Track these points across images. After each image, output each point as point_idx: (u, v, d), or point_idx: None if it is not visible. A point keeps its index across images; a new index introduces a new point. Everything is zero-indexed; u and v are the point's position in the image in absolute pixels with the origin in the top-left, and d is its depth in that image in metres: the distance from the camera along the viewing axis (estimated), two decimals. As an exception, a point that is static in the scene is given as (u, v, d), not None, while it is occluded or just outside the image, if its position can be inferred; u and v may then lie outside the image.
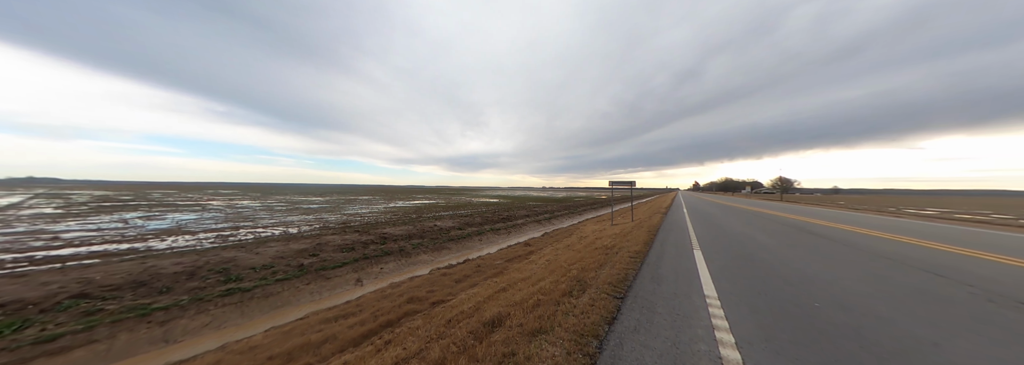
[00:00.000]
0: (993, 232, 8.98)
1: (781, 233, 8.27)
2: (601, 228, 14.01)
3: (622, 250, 6.54)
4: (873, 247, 6.09)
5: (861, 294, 3.49)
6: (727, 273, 4.53)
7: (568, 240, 11.60)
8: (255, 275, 6.68)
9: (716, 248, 6.30)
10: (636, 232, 9.19)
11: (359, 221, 16.15)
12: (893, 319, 2.87)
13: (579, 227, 16.74)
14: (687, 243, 7.01)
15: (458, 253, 11.09)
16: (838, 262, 4.91)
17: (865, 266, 4.63)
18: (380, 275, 8.23)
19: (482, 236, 14.10)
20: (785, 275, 4.35)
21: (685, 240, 7.40)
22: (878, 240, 7.01)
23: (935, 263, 4.76)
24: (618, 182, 14.48)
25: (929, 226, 10.33)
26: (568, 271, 5.58)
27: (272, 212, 20.36)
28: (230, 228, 13.35)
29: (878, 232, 8.47)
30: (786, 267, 4.74)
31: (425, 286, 6.26)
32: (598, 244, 8.44)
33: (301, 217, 17.98)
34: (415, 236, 11.95)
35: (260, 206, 24.72)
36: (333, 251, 8.89)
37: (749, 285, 3.97)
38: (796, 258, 5.29)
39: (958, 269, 4.39)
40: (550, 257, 8.32)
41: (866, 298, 3.34)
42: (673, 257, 5.67)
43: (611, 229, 12.45)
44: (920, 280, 3.91)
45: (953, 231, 9.02)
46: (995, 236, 8.02)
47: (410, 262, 9.50)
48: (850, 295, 3.48)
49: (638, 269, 4.92)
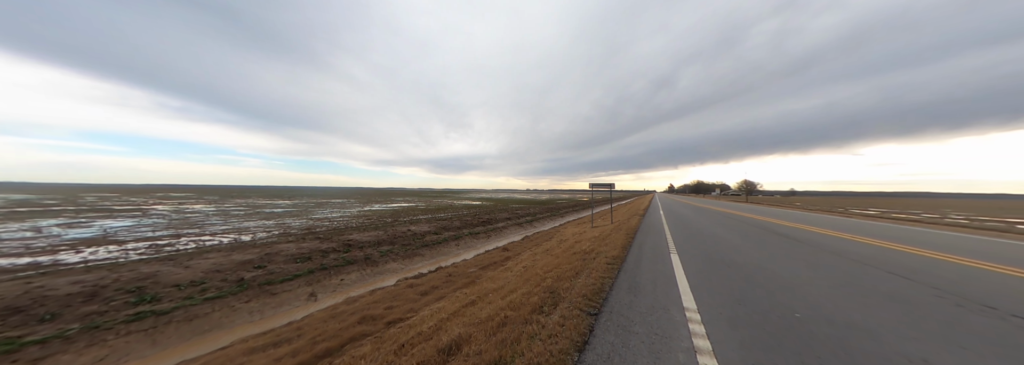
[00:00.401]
0: (929, 231, 9.92)
1: (751, 234, 8.37)
2: (581, 231, 13.79)
3: (600, 255, 6.21)
4: (836, 248, 6.27)
5: (837, 301, 3.34)
6: (705, 280, 4.27)
7: (547, 244, 11.22)
8: (179, 294, 5.65)
9: (692, 252, 6.14)
10: (615, 235, 8.95)
11: (326, 227, 14.89)
12: (876, 332, 2.68)
13: (560, 230, 16.47)
14: (664, 247, 6.80)
15: (431, 260, 10.36)
16: (809, 265, 4.89)
17: (834, 269, 4.63)
18: (339, 288, 7.37)
19: (459, 241, 13.41)
20: (762, 282, 4.15)
21: (662, 243, 7.25)
22: (838, 240, 7.27)
23: (896, 264, 4.91)
24: (598, 184, 14.46)
25: (877, 225, 11.15)
26: (542, 280, 5.13)
27: (227, 217, 18.44)
28: (170, 237, 11.76)
29: (836, 232, 8.92)
30: (762, 272, 4.57)
31: (386, 301, 5.55)
32: (577, 248, 8.10)
33: (260, 223, 16.37)
34: (385, 242, 11.07)
35: (214, 211, 22.42)
36: (285, 262, 7.90)
37: (728, 294, 3.70)
38: (769, 262, 5.19)
39: (918, 270, 4.53)
40: (527, 263, 7.87)
41: (843, 306, 3.19)
42: (651, 262, 5.38)
43: (591, 232, 12.24)
44: (890, 284, 3.78)
45: (898, 230, 9.79)
46: (933, 235, 8.80)
47: (376, 272, 8.67)
48: (827, 303, 3.31)
49: (615, 277, 4.55)
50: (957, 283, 3.94)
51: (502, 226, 18.12)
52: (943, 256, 5.57)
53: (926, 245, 6.75)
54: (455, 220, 18.53)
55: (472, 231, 15.34)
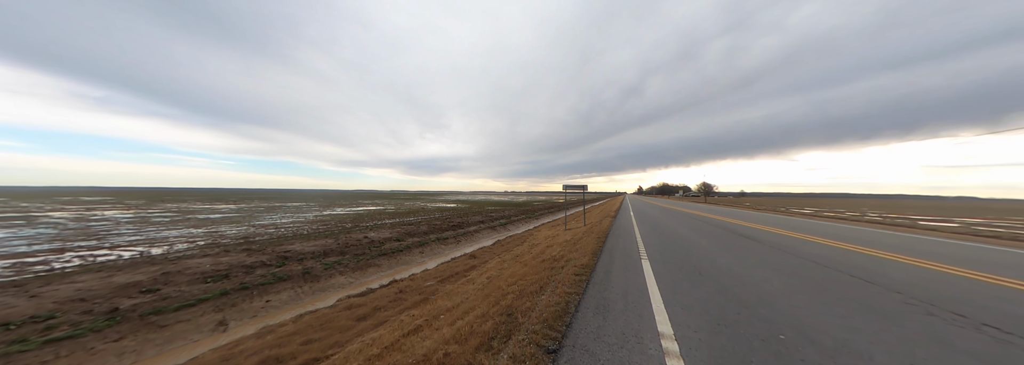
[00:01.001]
0: (858, 227, 11.20)
1: (715, 236, 8.40)
2: (554, 234, 13.30)
3: (570, 263, 5.61)
4: (796, 249, 6.40)
5: (816, 315, 3.04)
6: (679, 294, 3.80)
7: (518, 249, 10.52)
8: (5, 337, 4.09)
9: (663, 258, 5.81)
10: (586, 240, 8.47)
11: (268, 235, 12.96)
12: (868, 353, 2.35)
13: (533, 233, 15.91)
14: (635, 251, 6.43)
15: (388, 271, 9.17)
16: (776, 270, 4.74)
17: (801, 274, 4.48)
18: (262, 312, 6.03)
19: (425, 248, 12.27)
20: (736, 292, 3.79)
21: (633, 247, 6.93)
22: (793, 241, 7.56)
23: (852, 265, 5.00)
24: (571, 186, 14.17)
25: (817, 224, 12.23)
26: (503, 297, 4.38)
27: (144, 226, 15.54)
28: (50, 252, 9.37)
29: (787, 231, 9.45)
30: (733, 281, 4.25)
31: (309, 330, 4.44)
32: (547, 254, 7.47)
33: (185, 232, 13.92)
34: (334, 252, 9.67)
35: (131, 218, 18.95)
36: (191, 282, 6.36)
37: (704, 311, 3.22)
38: (738, 266, 4.97)
39: (873, 271, 4.62)
40: (493, 273, 7.08)
41: (824, 322, 2.89)
42: (622, 270, 4.87)
43: (563, 235, 11.77)
44: (858, 291, 3.71)
45: (836, 228, 10.79)
46: (864, 232, 9.88)
47: (317, 288, 7.36)
48: (807, 317, 3.00)
49: (583, 292, 3.93)
50: (914, 285, 3.96)
51: (474, 230, 17.17)
52: (883, 254, 5.97)
53: (863, 242, 7.39)
54: (423, 224, 17.25)
55: (440, 236, 14.23)
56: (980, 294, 3.65)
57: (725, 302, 3.45)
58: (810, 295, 3.58)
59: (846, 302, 3.35)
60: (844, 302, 3.35)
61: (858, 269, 4.74)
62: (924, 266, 5.00)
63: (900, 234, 9.45)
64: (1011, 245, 7.74)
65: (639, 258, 5.77)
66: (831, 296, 3.54)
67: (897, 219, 16.17)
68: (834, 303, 3.32)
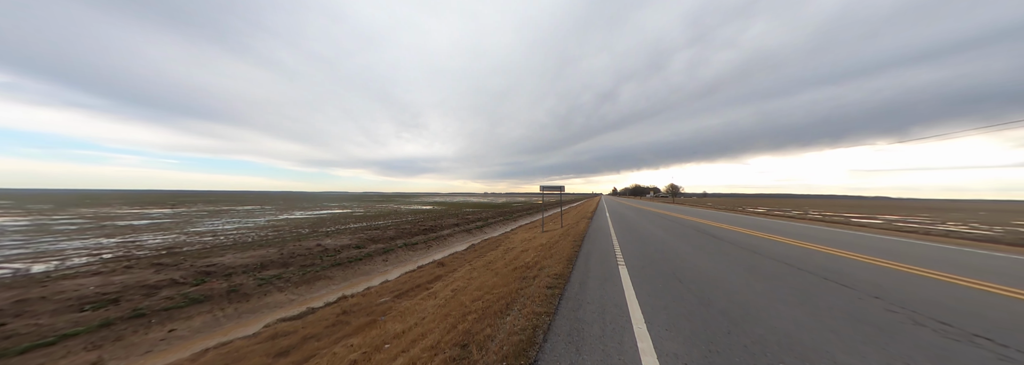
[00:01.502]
0: (810, 226, 12.18)
1: (689, 237, 8.34)
2: (530, 237, 12.73)
3: (543, 272, 5.02)
4: (766, 250, 6.46)
5: (809, 331, 2.73)
6: (661, 308, 3.32)
7: (492, 254, 9.78)
8: None
9: (640, 262, 5.46)
10: (562, 243, 7.96)
11: (199, 245, 11.09)
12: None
13: (510, 236, 15.24)
14: (612, 256, 6.02)
15: (340, 285, 8.01)
16: (753, 273, 4.56)
17: (779, 278, 4.30)
18: (160, 346, 4.75)
19: (390, 255, 11.13)
20: (721, 305, 3.43)
21: (609, 250, 6.64)
22: (761, 240, 7.81)
23: (822, 266, 5.00)
24: (548, 187, 13.77)
25: (775, 223, 13.35)
26: (463, 318, 3.66)
27: (37, 235, 12.79)
28: None
29: (752, 231, 9.87)
30: (715, 291, 3.90)
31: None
32: (520, 261, 6.83)
33: (94, 242, 11.58)
34: (274, 264, 8.31)
35: (24, 226, 15.67)
36: (57, 311, 4.90)
37: (691, 332, 2.79)
38: (716, 272, 4.69)
39: (843, 273, 4.61)
40: (459, 284, 6.28)
41: (818, 339, 2.58)
42: (598, 281, 4.35)
43: (540, 238, 11.23)
44: (839, 297, 3.55)
45: (792, 226, 11.74)
46: (815, 230, 10.63)
47: (243, 311, 6.10)
48: (800, 334, 2.68)
49: (554, 312, 3.32)
50: (884, 288, 3.91)
51: (447, 234, 16.15)
52: (838, 252, 6.30)
53: (818, 240, 7.93)
54: (390, 229, 15.94)
55: (409, 242, 13.10)
56: (944, 295, 3.66)
57: (711, 318, 3.00)
58: (794, 305, 3.34)
59: (832, 313, 3.14)
60: (831, 313, 3.14)
61: (828, 271, 4.74)
62: (878, 264, 5.21)
63: (841, 231, 10.52)
64: (927, 239, 8.89)
65: (616, 263, 5.33)
66: (815, 305, 3.33)
67: (834, 217, 18.28)
68: (822, 314, 3.09)
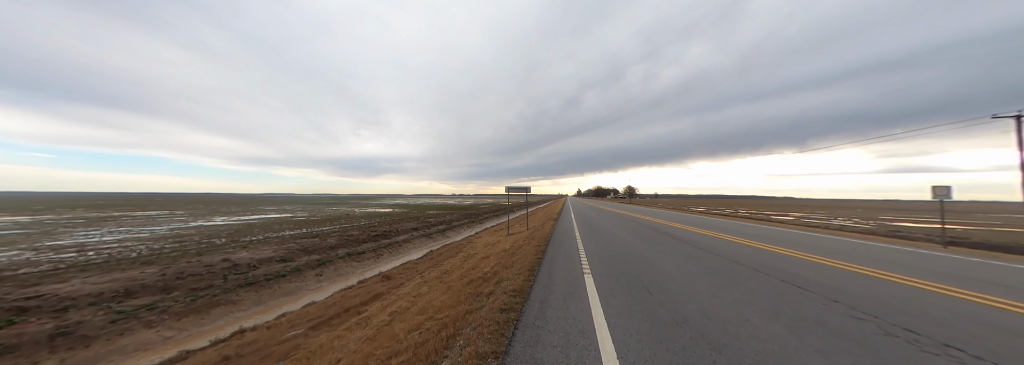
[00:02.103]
0: (747, 224, 13.42)
1: (652, 240, 8.28)
2: (494, 241, 11.90)
3: (501, 286, 4.24)
4: (725, 252, 6.42)
5: (793, 350, 2.39)
6: (634, 332, 2.83)
7: (449, 263, 8.72)
8: None
9: (607, 269, 5.02)
10: (526, 249, 7.26)
11: (48, 265, 8.22)
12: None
13: (473, 240, 14.22)
14: (577, 264, 5.55)
15: (245, 312, 6.29)
16: (716, 276, 4.44)
17: (741, 283, 4.12)
18: None
19: (326, 268, 9.41)
20: (696, 323, 2.97)
21: (574, 255, 6.22)
22: (715, 241, 8.04)
23: (775, 268, 4.95)
24: (514, 188, 13.13)
25: (717, 221, 14.70)
26: (388, 361, 2.67)
27: None
28: None
29: (707, 231, 10.35)
30: (689, 303, 3.47)
31: None
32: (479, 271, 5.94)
33: None
34: (149, 290, 6.27)
35: None
36: None
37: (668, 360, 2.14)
38: (685, 279, 4.38)
39: (798, 275, 4.56)
40: (401, 305, 5.18)
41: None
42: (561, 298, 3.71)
43: (504, 242, 10.45)
44: (803, 303, 3.41)
45: (733, 224, 12.91)
46: (752, 227, 11.76)
47: (78, 361, 4.25)
48: (784, 354, 2.33)
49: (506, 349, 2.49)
50: (839, 290, 3.84)
51: (403, 239, 14.56)
52: (780, 249, 6.70)
53: (757, 238, 8.57)
54: (334, 236, 13.88)
55: (354, 251, 11.37)
56: (894, 296, 3.65)
57: (690, 343, 2.47)
58: (768, 317, 3.05)
59: (804, 323, 2.92)
60: (802, 323, 2.92)
61: (781, 272, 4.71)
62: (819, 262, 5.43)
63: (769, 227, 12.05)
64: (828, 233, 10.41)
65: (582, 272, 4.72)
66: (786, 315, 3.09)
67: (758, 214, 21.96)
68: (797, 328, 2.81)
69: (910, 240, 9.26)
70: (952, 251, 7.25)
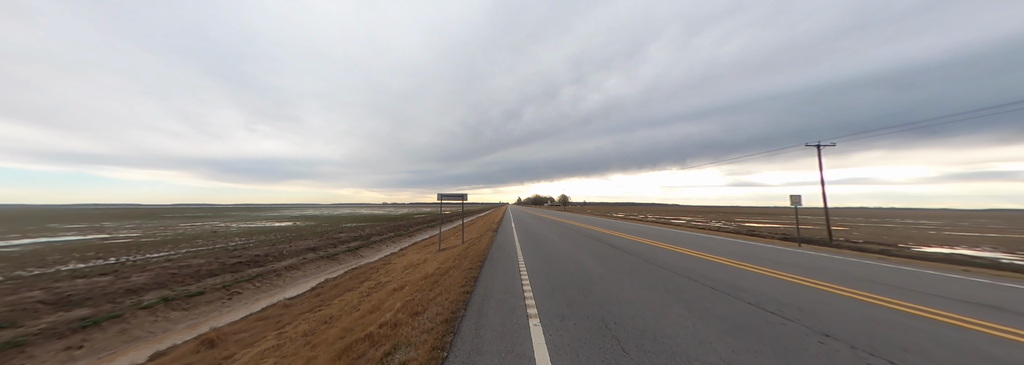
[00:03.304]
0: (662, 228, 14.80)
1: (597, 251, 7.69)
2: (420, 260, 9.46)
3: (398, 355, 2.15)
4: (675, 265, 5.92)
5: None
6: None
7: (338, 303, 5.99)
8: None
9: (558, 304, 3.67)
10: (454, 274, 5.33)
11: None
12: None
13: (393, 260, 11.32)
14: (519, 294, 4.06)
15: None
16: (675, 300, 3.68)
17: (703, 308, 3.44)
18: None
19: (95, 331, 5.44)
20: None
21: (515, 280, 4.77)
22: (660, 252, 7.72)
23: (720, 280, 4.60)
24: (448, 195, 11.07)
25: (638, 225, 16.38)
26: None
27: None
28: None
29: (639, 238, 10.39)
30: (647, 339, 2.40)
31: None
32: (379, 315, 3.90)
33: None
34: None
35: None
36: None
37: None
38: (649, 314, 3.35)
39: (745, 289, 4.19)
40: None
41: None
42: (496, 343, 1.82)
43: (432, 261, 8.20)
44: (767, 326, 2.91)
45: (650, 230, 13.98)
46: (665, 231, 12.75)
47: None
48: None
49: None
50: (794, 308, 3.46)
51: (288, 266, 10.60)
52: (708, 256, 6.69)
53: (681, 243, 9.01)
54: (153, 269, 9.09)
55: (180, 293, 7.30)
56: (838, 306, 3.50)
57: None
58: (742, 353, 2.39)
59: (783, 355, 2.36)
60: (781, 355, 2.35)
61: (731, 287, 4.23)
62: (752, 271, 5.29)
63: (677, 231, 13.53)
64: (713, 234, 11.84)
65: (525, 314, 3.23)
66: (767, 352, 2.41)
67: (661, 219, 26.40)
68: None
69: (760, 237, 11.71)
70: (806, 248, 8.73)
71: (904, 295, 3.91)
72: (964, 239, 13.89)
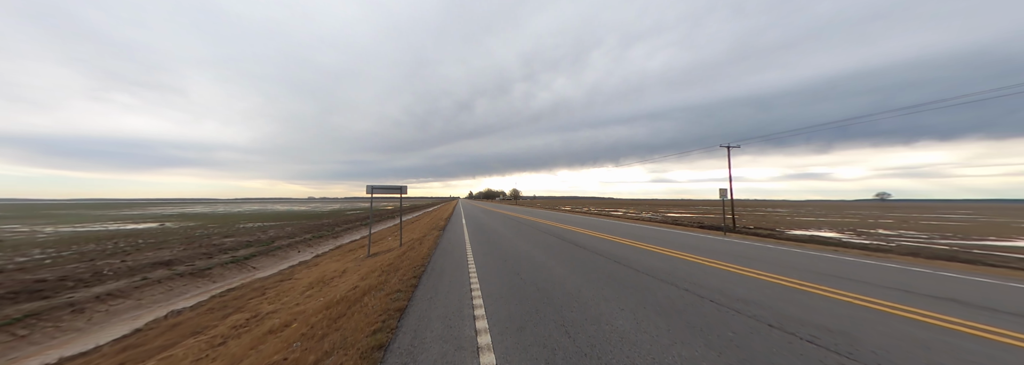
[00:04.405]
0: (608, 221, 15.42)
1: (560, 252, 6.69)
2: (338, 270, 7.02)
3: None
4: (621, 256, 5.83)
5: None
6: None
7: (168, 360, 3.46)
8: None
9: (507, 311, 2.59)
10: (372, 298, 3.40)
11: None
12: None
13: (298, 273, 8.48)
14: (467, 329, 2.64)
15: None
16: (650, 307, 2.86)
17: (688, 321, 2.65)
18: None
19: None
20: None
21: (464, 302, 3.36)
22: (627, 249, 7.41)
23: (692, 281, 4.16)
24: (382, 187, 8.63)
25: (589, 218, 17.02)
26: None
27: None
28: None
29: (596, 232, 10.01)
30: None
31: None
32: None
33: None
34: None
35: None
36: None
37: None
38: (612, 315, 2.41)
39: (710, 287, 3.87)
40: None
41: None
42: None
43: (351, 274, 5.97)
44: (753, 334, 2.44)
45: (599, 222, 14.44)
46: (616, 224, 12.95)
47: None
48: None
49: None
50: (760, 306, 3.20)
51: (100, 294, 6.87)
52: (662, 250, 6.53)
53: (633, 236, 8.87)
54: None
55: None
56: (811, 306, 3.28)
57: None
58: None
59: None
60: None
61: (702, 287, 3.85)
62: (710, 265, 5.05)
63: (620, 223, 14.19)
64: (646, 224, 13.02)
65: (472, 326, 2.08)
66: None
67: (602, 211, 28.57)
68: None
69: (682, 226, 13.40)
70: (731, 236, 9.68)
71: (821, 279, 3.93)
72: (810, 223, 18.78)
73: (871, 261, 5.58)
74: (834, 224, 18.27)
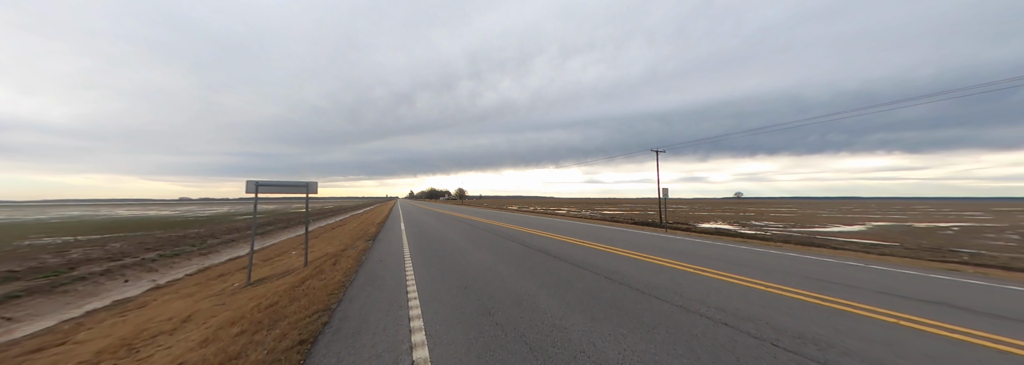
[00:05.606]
0: (557, 220, 15.48)
1: (529, 264, 5.46)
2: (178, 317, 3.98)
3: None
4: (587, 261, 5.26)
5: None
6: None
7: None
8: None
9: None
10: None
11: None
12: None
13: (88, 328, 4.86)
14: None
15: None
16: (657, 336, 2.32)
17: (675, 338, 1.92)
18: None
19: None
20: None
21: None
22: (592, 253, 6.99)
23: (659, 286, 3.67)
24: (273, 184, 5.74)
25: (540, 218, 17.09)
26: None
27: None
28: None
29: (547, 233, 9.53)
30: None
31: None
32: None
33: None
34: None
35: None
36: None
37: None
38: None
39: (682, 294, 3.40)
40: None
41: None
42: None
43: (193, 333, 3.16)
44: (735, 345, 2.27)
45: (553, 222, 14.35)
46: (580, 225, 12.54)
47: None
48: None
49: None
50: (726, 312, 2.91)
51: None
52: (617, 251, 6.22)
53: (588, 237, 8.56)
54: None
55: None
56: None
57: None
58: None
59: None
60: None
61: (674, 294, 3.42)
62: (675, 267, 4.77)
63: (572, 222, 14.43)
64: (594, 222, 13.32)
65: None
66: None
67: (546, 210, 29.20)
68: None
69: (620, 223, 14.12)
70: (671, 233, 10.37)
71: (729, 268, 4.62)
72: (707, 217, 22.69)
73: (761, 249, 6.73)
74: (722, 217, 22.79)
